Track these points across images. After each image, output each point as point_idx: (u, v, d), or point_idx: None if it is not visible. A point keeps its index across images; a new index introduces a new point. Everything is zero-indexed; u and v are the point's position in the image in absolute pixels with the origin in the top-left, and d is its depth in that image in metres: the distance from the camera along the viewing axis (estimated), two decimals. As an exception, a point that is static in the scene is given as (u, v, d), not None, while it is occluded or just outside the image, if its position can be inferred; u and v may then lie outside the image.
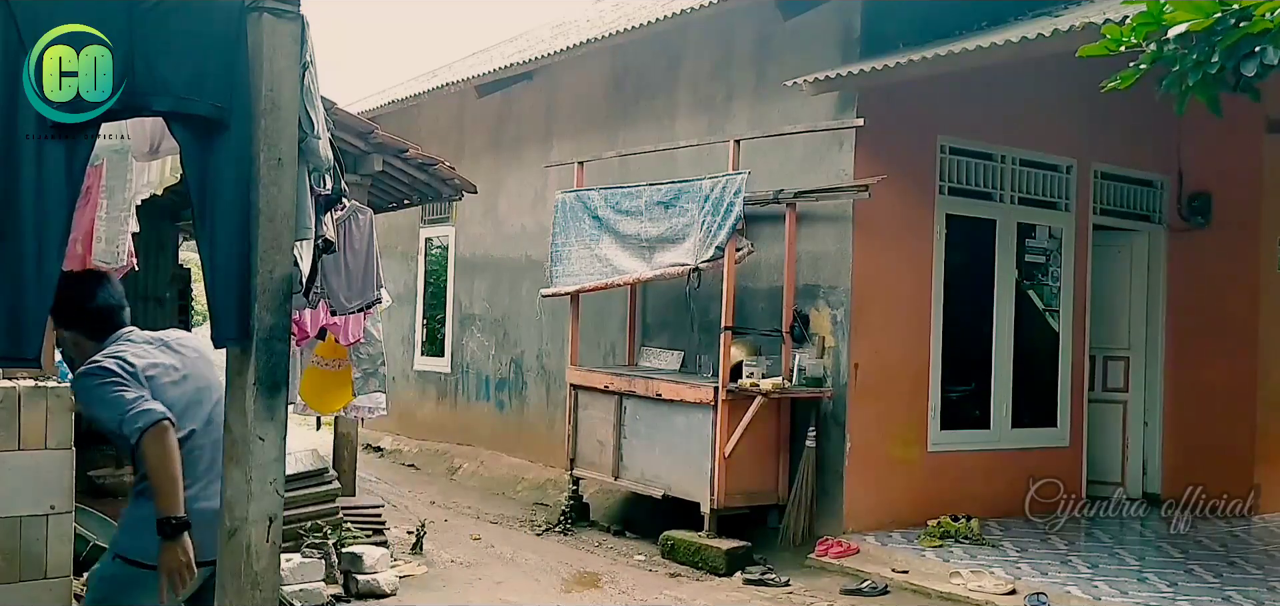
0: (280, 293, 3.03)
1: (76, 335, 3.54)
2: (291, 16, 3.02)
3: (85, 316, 3.56)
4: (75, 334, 3.54)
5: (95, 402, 3.34)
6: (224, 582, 3.06)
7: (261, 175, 2.98)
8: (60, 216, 2.82)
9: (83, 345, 3.53)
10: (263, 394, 2.99)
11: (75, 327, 3.54)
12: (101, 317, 3.62)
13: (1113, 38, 4.31)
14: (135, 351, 3.52)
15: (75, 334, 3.54)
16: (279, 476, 3.05)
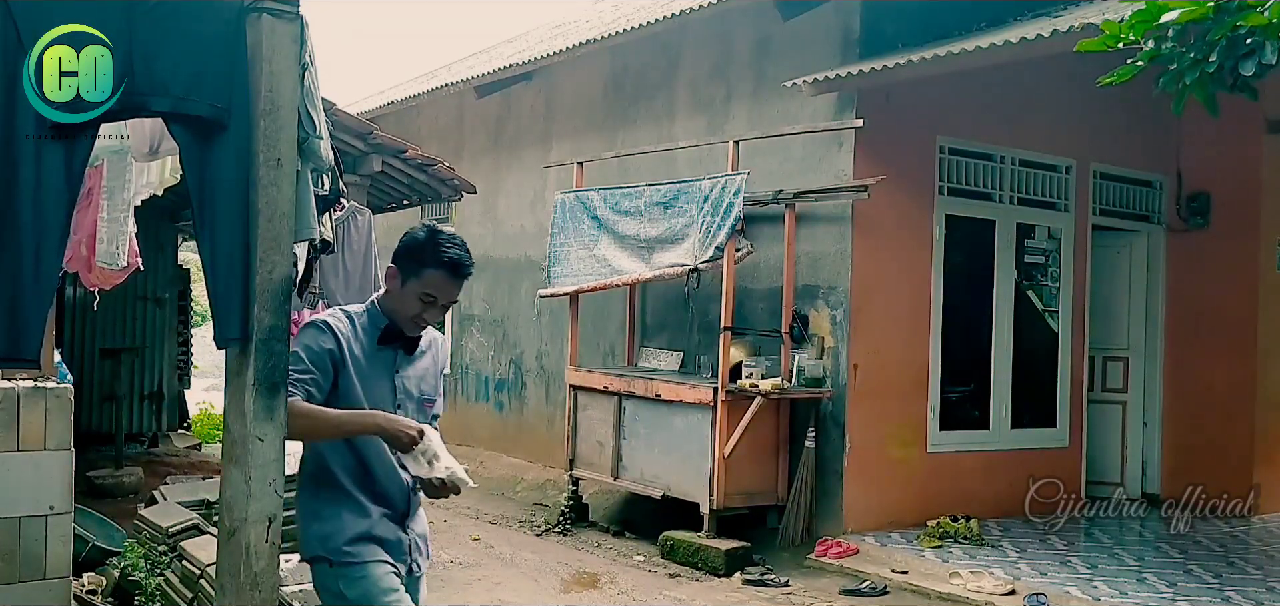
0: (280, 293, 3.03)
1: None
2: (291, 17, 3.03)
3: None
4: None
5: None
6: (223, 582, 3.06)
7: (261, 175, 2.98)
8: (59, 217, 2.82)
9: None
10: (262, 394, 2.99)
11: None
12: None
13: (1110, 34, 4.31)
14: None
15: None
16: (279, 476, 3.05)
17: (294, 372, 2.90)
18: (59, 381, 5.18)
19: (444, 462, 2.92)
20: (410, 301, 3.08)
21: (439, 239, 3.05)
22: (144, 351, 12.00)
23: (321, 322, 3.08)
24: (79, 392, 6.52)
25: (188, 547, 5.79)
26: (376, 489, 3.13)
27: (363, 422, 2.99)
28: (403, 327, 3.13)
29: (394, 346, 3.17)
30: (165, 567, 5.93)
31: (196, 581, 5.49)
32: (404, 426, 2.92)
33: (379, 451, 3.10)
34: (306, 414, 2.93)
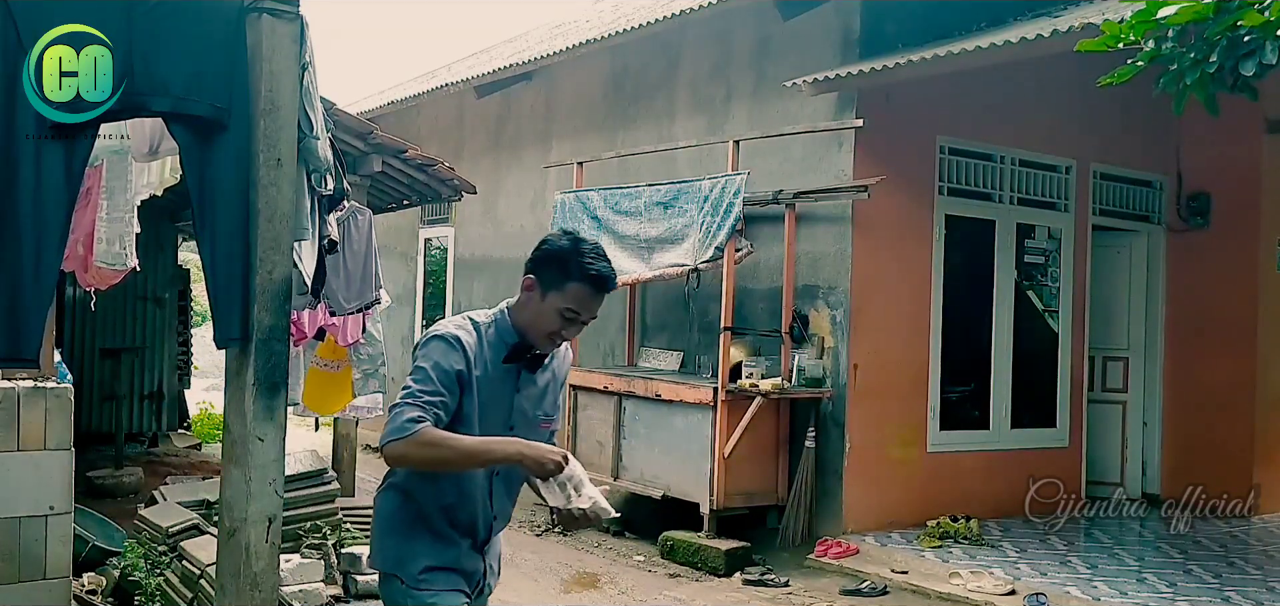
0: (280, 293, 3.03)
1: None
2: (291, 17, 3.03)
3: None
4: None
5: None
6: (223, 582, 3.06)
7: (261, 176, 2.98)
8: (59, 217, 2.83)
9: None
10: (262, 394, 2.99)
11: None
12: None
13: (1110, 34, 4.31)
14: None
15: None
16: (278, 476, 3.05)
17: (424, 393, 2.67)
18: (59, 381, 5.18)
19: (587, 491, 2.65)
20: (549, 317, 2.79)
21: (583, 249, 2.77)
22: (144, 351, 12.00)
23: (452, 338, 2.78)
24: (79, 392, 6.52)
25: (188, 547, 5.79)
26: (464, 518, 2.89)
27: (503, 451, 2.68)
28: (535, 344, 2.85)
29: (519, 364, 2.89)
30: (165, 567, 5.93)
31: (196, 581, 5.49)
32: (547, 454, 2.63)
33: (473, 478, 2.86)
34: (438, 443, 2.63)
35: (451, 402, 2.71)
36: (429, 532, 2.87)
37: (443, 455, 2.65)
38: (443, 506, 2.86)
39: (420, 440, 2.59)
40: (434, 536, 2.87)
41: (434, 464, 2.70)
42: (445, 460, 2.67)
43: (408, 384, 2.70)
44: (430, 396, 2.66)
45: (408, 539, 2.87)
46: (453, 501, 2.86)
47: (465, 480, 2.84)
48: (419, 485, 2.87)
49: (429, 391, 2.67)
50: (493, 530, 2.98)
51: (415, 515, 2.87)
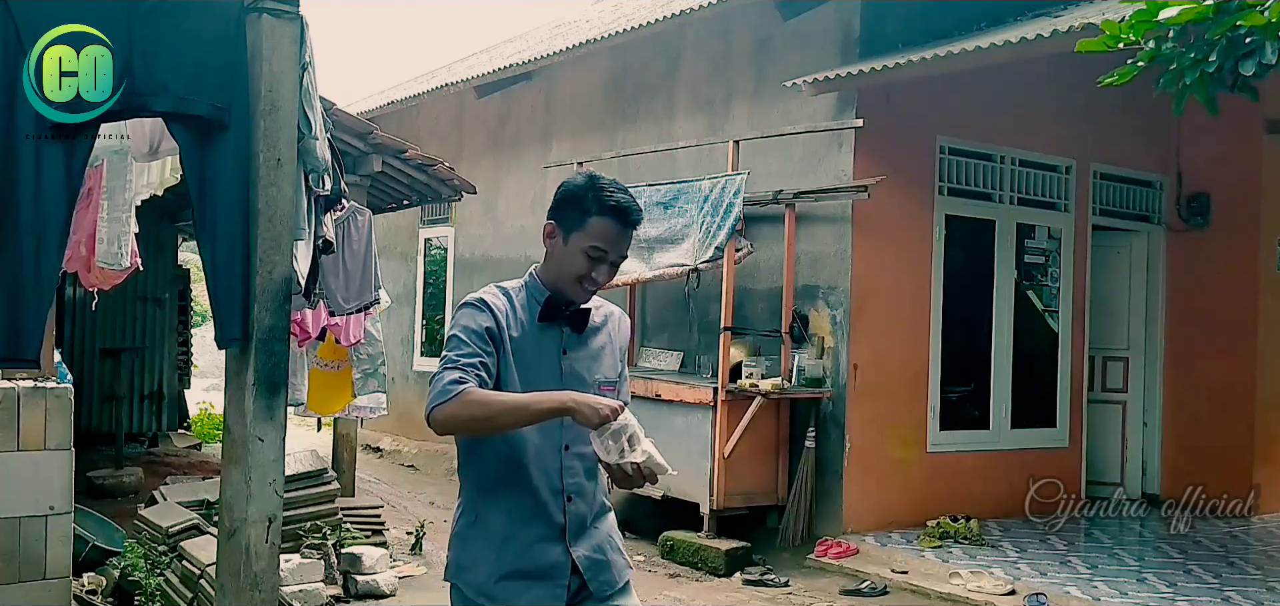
0: (280, 293, 3.03)
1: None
2: (291, 17, 3.03)
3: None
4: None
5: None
6: (223, 582, 3.06)
7: (261, 176, 2.99)
8: (59, 217, 2.83)
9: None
10: (262, 394, 2.99)
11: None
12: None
13: (1110, 34, 4.31)
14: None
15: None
16: (278, 477, 3.06)
17: (460, 356, 2.52)
18: (59, 381, 5.18)
19: (642, 446, 2.46)
20: (574, 258, 2.63)
21: (600, 182, 2.64)
22: (144, 351, 12.00)
23: (476, 300, 2.65)
24: (79, 392, 6.52)
25: (188, 547, 5.79)
26: (530, 503, 2.65)
27: (546, 404, 2.46)
28: (568, 294, 2.67)
29: (558, 323, 2.70)
30: (165, 567, 5.93)
31: (196, 581, 5.49)
32: (598, 402, 2.43)
33: (540, 452, 2.64)
34: (481, 402, 2.45)
35: (491, 364, 2.55)
36: (491, 535, 2.65)
37: (489, 412, 2.46)
38: (508, 497, 2.64)
39: (465, 400, 2.43)
40: (497, 538, 2.64)
41: (481, 424, 2.50)
42: (491, 417, 2.48)
43: (444, 355, 2.56)
44: (468, 358, 2.52)
45: (467, 543, 2.68)
46: (517, 484, 2.63)
47: (529, 456, 2.62)
48: (480, 475, 2.68)
49: (466, 354, 2.53)
50: (571, 512, 2.67)
51: (475, 518, 2.68)
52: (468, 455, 2.70)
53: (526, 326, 2.66)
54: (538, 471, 2.63)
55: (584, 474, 2.70)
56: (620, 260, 2.67)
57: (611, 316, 2.83)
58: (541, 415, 2.49)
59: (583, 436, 2.57)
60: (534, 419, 2.50)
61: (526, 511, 2.63)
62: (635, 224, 2.65)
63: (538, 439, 2.62)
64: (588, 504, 2.72)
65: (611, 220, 2.62)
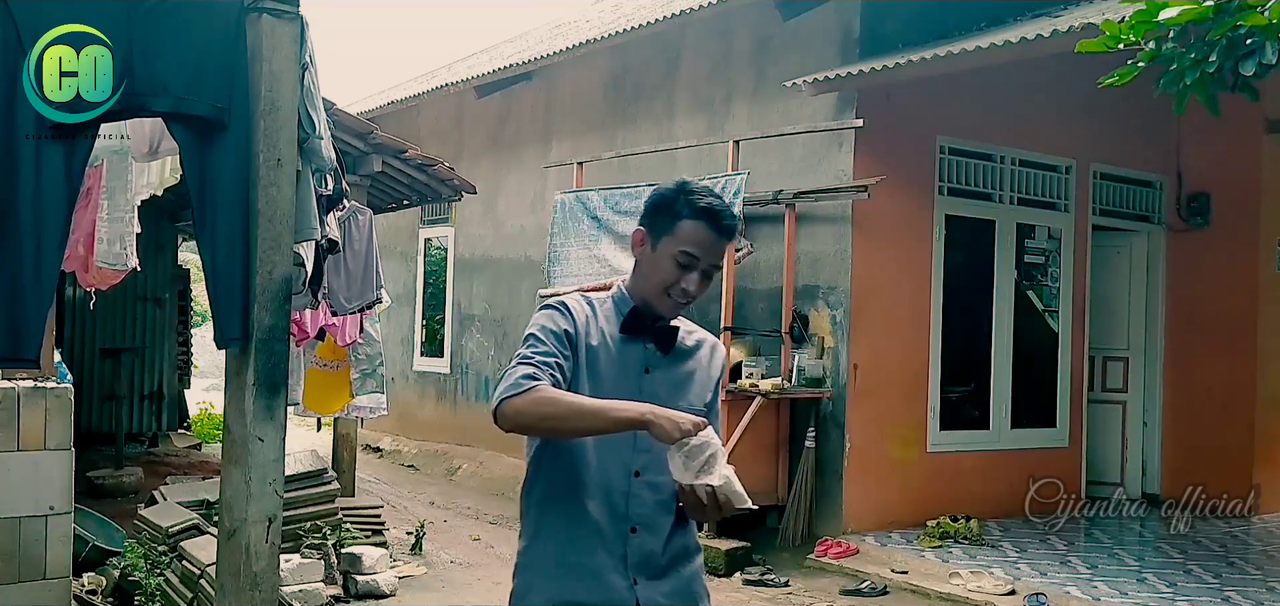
0: (280, 293, 3.03)
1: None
2: (291, 17, 3.03)
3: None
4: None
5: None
6: (223, 582, 3.06)
7: (261, 175, 2.98)
8: (59, 217, 2.83)
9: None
10: (262, 394, 2.99)
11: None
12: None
13: (1110, 34, 4.31)
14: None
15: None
16: (278, 477, 3.05)
17: (536, 354, 2.37)
18: (59, 381, 5.18)
19: (721, 470, 2.24)
20: (664, 267, 2.43)
21: (692, 186, 2.48)
22: (144, 351, 12.00)
23: (556, 302, 2.51)
24: (79, 392, 6.51)
25: (188, 547, 5.79)
26: (592, 529, 2.44)
27: (623, 413, 2.25)
28: (654, 306, 2.47)
29: (643, 338, 2.50)
30: (165, 567, 5.93)
31: (196, 581, 5.49)
32: (678, 416, 2.22)
33: (604, 476, 2.44)
34: (553, 401, 2.28)
35: (567, 368, 2.39)
36: (547, 560, 2.48)
37: (560, 412, 2.28)
38: (567, 520, 2.45)
39: (536, 396, 2.27)
40: (552, 563, 2.47)
41: (551, 424, 2.32)
42: (562, 417, 2.29)
43: (518, 352, 2.41)
44: (543, 355, 2.37)
45: (524, 569, 2.53)
46: (578, 506, 2.44)
47: (593, 476, 2.43)
48: (543, 495, 2.50)
49: (541, 351, 2.38)
50: (634, 544, 2.44)
51: (533, 541, 2.52)
52: (534, 471, 2.52)
53: (608, 338, 2.49)
54: (601, 494, 2.44)
55: (656, 506, 2.46)
56: (713, 271, 2.48)
57: (705, 343, 2.62)
58: (617, 424, 2.28)
59: (658, 463, 2.36)
60: (608, 427, 2.30)
61: (586, 538, 2.43)
62: (729, 231, 2.47)
63: (607, 459, 2.43)
64: (658, 539, 2.47)
65: (704, 224, 2.43)
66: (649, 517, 2.45)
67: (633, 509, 2.44)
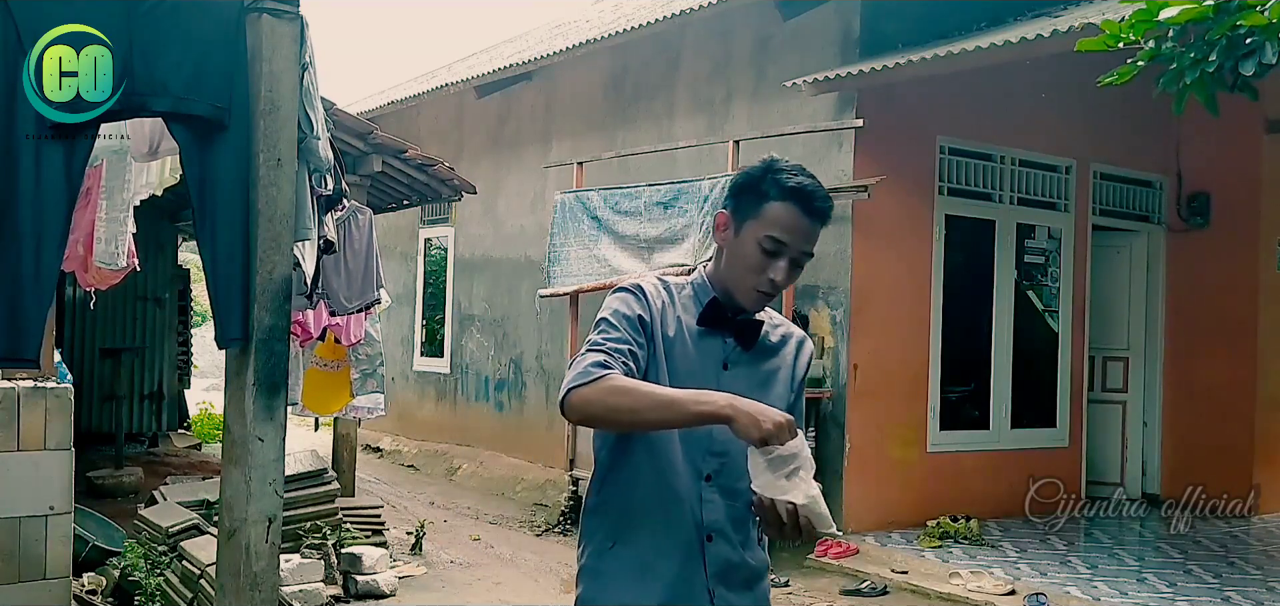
0: (280, 293, 3.03)
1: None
2: (291, 17, 3.03)
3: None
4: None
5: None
6: (223, 582, 3.06)
7: (261, 175, 2.98)
8: (59, 217, 2.82)
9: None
10: (262, 394, 2.99)
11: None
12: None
13: (1110, 34, 4.31)
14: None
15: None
16: (278, 477, 3.05)
17: (607, 340, 2.16)
18: (59, 381, 5.18)
19: (805, 486, 1.97)
20: (748, 251, 2.23)
21: (780, 164, 2.28)
22: (144, 351, 12.01)
23: (632, 285, 2.30)
24: (79, 392, 6.51)
25: (188, 547, 5.79)
26: (671, 536, 2.25)
27: (704, 406, 2.03)
28: (738, 297, 2.27)
29: (723, 331, 2.30)
30: (165, 567, 5.93)
31: (196, 581, 5.49)
32: (766, 412, 1.97)
33: (675, 479, 2.23)
34: (627, 390, 2.07)
35: (642, 356, 2.19)
36: (629, 565, 2.26)
37: (634, 402, 2.06)
38: (647, 525, 2.25)
39: (608, 385, 2.07)
40: (636, 568, 2.25)
41: (623, 415, 2.09)
42: (636, 409, 2.06)
43: (588, 339, 2.21)
44: (616, 342, 2.16)
45: (599, 575, 2.30)
46: (656, 511, 2.24)
47: (669, 479, 2.23)
48: (624, 499, 2.28)
49: (614, 338, 2.18)
50: (712, 553, 2.25)
51: (613, 546, 2.29)
52: (603, 472, 2.32)
53: (685, 329, 2.28)
54: (673, 498, 2.24)
55: (729, 517, 2.25)
56: (803, 258, 2.26)
57: (791, 338, 2.40)
58: (695, 418, 2.05)
59: (734, 468, 2.19)
60: (684, 420, 2.08)
61: (658, 544, 2.24)
62: (822, 214, 2.24)
63: (679, 460, 2.23)
64: (736, 550, 2.27)
65: (794, 206, 2.21)
66: (724, 526, 2.25)
67: (707, 516, 2.24)
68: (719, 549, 2.25)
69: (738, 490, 2.20)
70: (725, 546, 2.25)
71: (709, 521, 2.24)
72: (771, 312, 2.37)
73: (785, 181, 2.23)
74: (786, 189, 2.23)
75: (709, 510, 2.24)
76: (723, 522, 2.24)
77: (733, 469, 2.20)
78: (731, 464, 2.20)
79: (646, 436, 2.23)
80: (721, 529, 2.25)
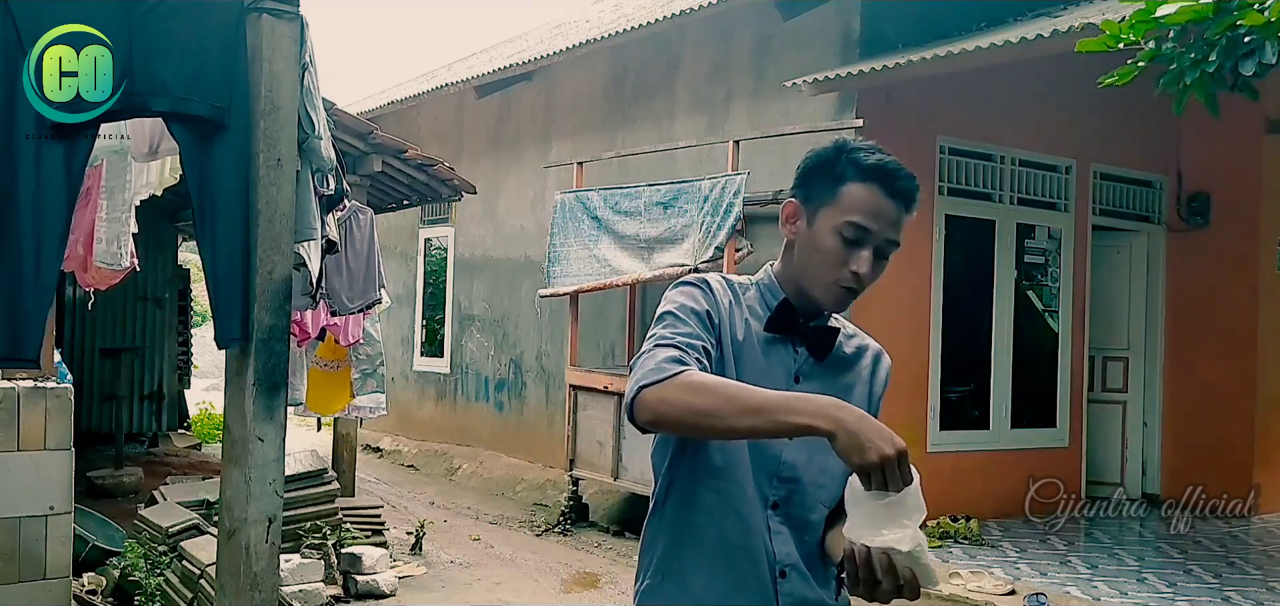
0: (280, 293, 3.03)
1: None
2: (291, 17, 3.03)
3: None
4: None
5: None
6: (223, 582, 3.06)
7: (261, 175, 2.98)
8: (59, 217, 2.83)
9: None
10: (262, 394, 2.99)
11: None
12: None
13: (1110, 34, 4.31)
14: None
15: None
16: (278, 477, 3.05)
17: (676, 334, 1.89)
18: (59, 381, 5.18)
19: (910, 530, 1.63)
20: (823, 244, 1.95)
21: (853, 144, 1.99)
22: (144, 351, 12.01)
23: (697, 280, 2.04)
24: (79, 392, 6.52)
25: (188, 547, 5.79)
26: (740, 568, 1.97)
27: (797, 411, 1.70)
28: (813, 296, 1.99)
29: (793, 339, 2.02)
30: (165, 567, 5.93)
31: (196, 581, 5.49)
32: (879, 432, 1.65)
33: (742, 503, 1.96)
34: (711, 389, 1.77)
35: (713, 352, 1.93)
36: (691, 595, 1.99)
37: (716, 404, 1.75)
38: (712, 553, 1.98)
39: (685, 383, 1.77)
40: (699, 588, 1.98)
41: (704, 418, 1.77)
42: (715, 413, 1.75)
43: (652, 334, 1.93)
44: (687, 337, 1.89)
45: (654, 593, 2.04)
46: (725, 536, 1.97)
47: (734, 504, 1.95)
48: (686, 518, 2.00)
49: (684, 333, 1.90)
50: (785, 591, 1.96)
51: (663, 573, 2.03)
52: (664, 491, 2.03)
53: (752, 333, 2.01)
54: (741, 526, 1.96)
55: (801, 552, 1.97)
56: (888, 248, 1.96)
57: (868, 350, 2.17)
58: (790, 426, 1.71)
59: (805, 498, 1.95)
60: (779, 428, 1.73)
61: (728, 582, 1.97)
62: (906, 195, 1.95)
63: (747, 482, 1.95)
64: (812, 588, 1.97)
65: (875, 187, 1.93)
66: (798, 562, 1.96)
67: (778, 548, 1.96)
68: (794, 587, 1.96)
69: (809, 523, 1.97)
70: (801, 584, 1.96)
71: (781, 555, 1.96)
72: (844, 321, 2.13)
73: (863, 160, 1.95)
74: (866, 168, 1.94)
75: (779, 542, 1.96)
76: (796, 558, 1.95)
77: (803, 498, 1.95)
78: (801, 492, 1.95)
79: (710, 453, 1.95)
80: (795, 565, 1.96)
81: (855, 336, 2.15)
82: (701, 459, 1.96)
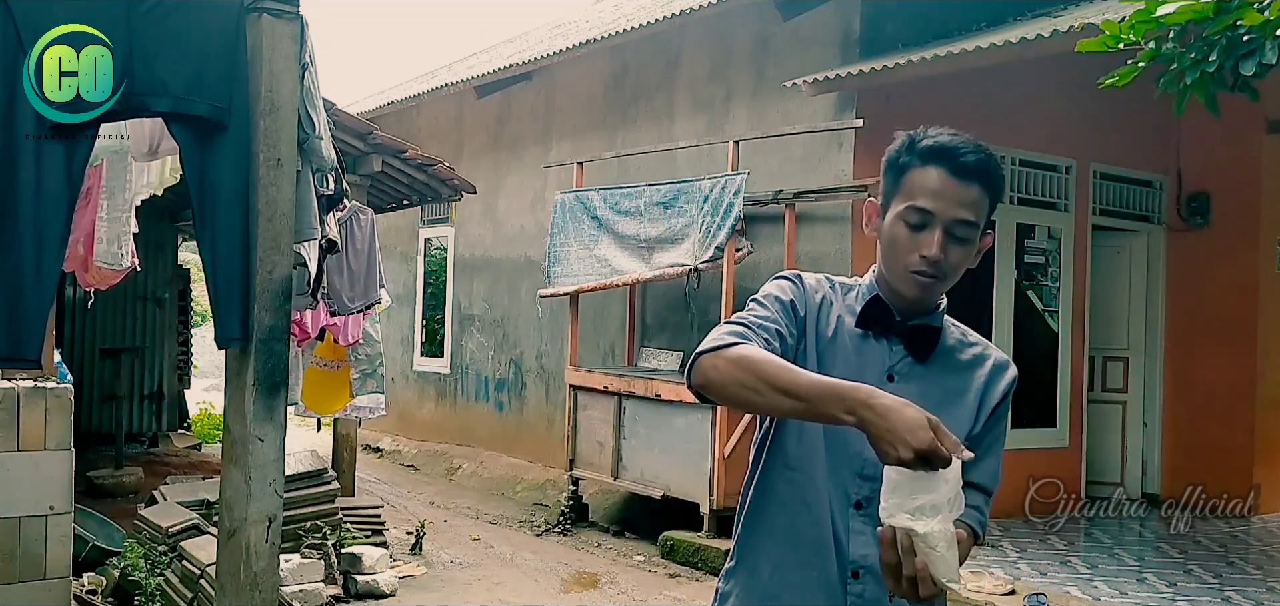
0: (280, 293, 3.03)
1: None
2: (291, 17, 3.03)
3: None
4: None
5: None
6: (223, 582, 3.06)
7: (261, 175, 2.98)
8: (59, 217, 2.83)
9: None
10: (262, 394, 2.99)
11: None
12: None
13: (1110, 34, 4.31)
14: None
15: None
16: (278, 477, 3.05)
17: (750, 317, 1.97)
18: (59, 381, 5.18)
19: (939, 523, 1.61)
20: (893, 232, 1.98)
21: (919, 133, 2.03)
22: (144, 351, 12.01)
23: (792, 274, 2.12)
24: (79, 392, 6.52)
25: (188, 547, 5.79)
26: (804, 565, 1.96)
27: (824, 394, 1.71)
28: (898, 286, 1.99)
29: (888, 336, 2.01)
30: (165, 567, 5.93)
31: (196, 581, 5.50)
32: (911, 426, 1.61)
33: (816, 500, 1.95)
34: (753, 364, 1.79)
35: (790, 340, 1.95)
36: (758, 597, 2.01)
37: (754, 379, 1.76)
38: (778, 548, 1.99)
39: (734, 355, 1.81)
40: (758, 596, 2.01)
41: (742, 392, 1.80)
42: (752, 388, 1.77)
43: (733, 316, 2.02)
44: (760, 320, 1.96)
45: (725, 597, 2.08)
46: (792, 532, 1.97)
47: (813, 499, 1.94)
48: (758, 515, 2.03)
49: (758, 316, 1.97)
50: (853, 593, 1.94)
51: (741, 573, 2.06)
52: (750, 478, 2.06)
53: (846, 330, 2.03)
54: (818, 522, 1.94)
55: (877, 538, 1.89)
56: (959, 228, 1.93)
57: (988, 360, 2.06)
58: (826, 415, 1.71)
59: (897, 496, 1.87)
60: (807, 409, 1.74)
61: (798, 573, 1.96)
62: (970, 170, 1.92)
63: (829, 478, 1.94)
64: (883, 595, 1.87)
65: (936, 168, 1.93)
66: (875, 565, 1.82)
67: (855, 549, 1.93)
68: (867, 589, 1.92)
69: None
70: (875, 587, 1.89)
71: (857, 556, 1.92)
72: (966, 330, 2.11)
73: (923, 143, 1.97)
74: (926, 150, 1.96)
75: (858, 543, 1.92)
76: (874, 561, 1.82)
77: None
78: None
79: (787, 445, 1.97)
80: (871, 568, 1.88)
81: (976, 344, 2.11)
82: (780, 450, 1.99)
